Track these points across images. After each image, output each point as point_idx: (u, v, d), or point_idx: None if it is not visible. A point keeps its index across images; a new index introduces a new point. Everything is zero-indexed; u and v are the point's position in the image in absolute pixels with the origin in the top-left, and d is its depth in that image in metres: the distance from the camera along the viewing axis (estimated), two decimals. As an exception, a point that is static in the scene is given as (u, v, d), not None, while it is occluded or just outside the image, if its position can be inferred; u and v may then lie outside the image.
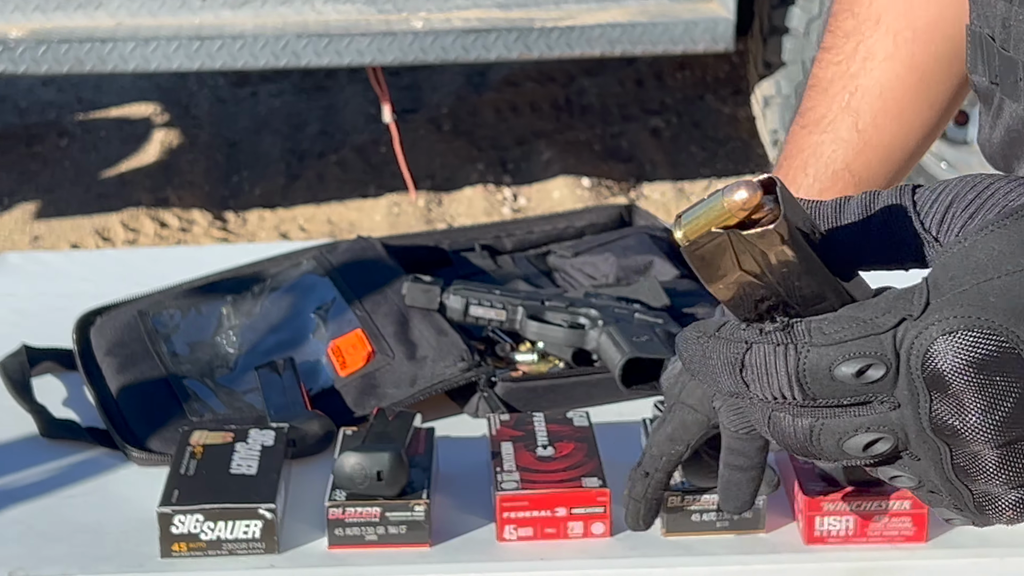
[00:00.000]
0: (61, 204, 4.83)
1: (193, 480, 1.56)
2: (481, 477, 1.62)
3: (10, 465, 1.71)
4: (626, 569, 1.51)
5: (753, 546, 1.51)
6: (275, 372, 1.82)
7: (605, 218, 2.21)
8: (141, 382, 1.84)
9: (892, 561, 1.48)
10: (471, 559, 1.52)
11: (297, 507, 1.59)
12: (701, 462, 1.43)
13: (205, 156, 5.16)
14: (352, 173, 4.99)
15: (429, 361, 1.80)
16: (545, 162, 4.94)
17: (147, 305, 2.01)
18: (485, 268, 2.07)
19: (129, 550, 1.54)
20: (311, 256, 2.05)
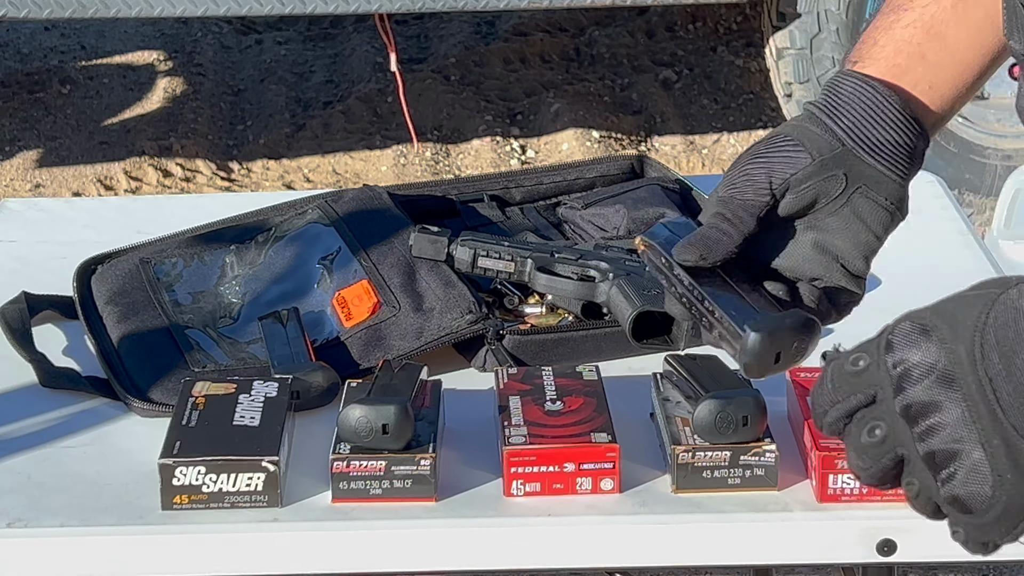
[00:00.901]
0: (63, 152, 4.83)
1: (195, 431, 1.56)
2: (488, 431, 1.62)
3: (9, 415, 1.71)
4: (636, 526, 1.51)
5: (765, 503, 1.51)
6: (279, 323, 1.82)
7: (616, 169, 2.20)
8: (143, 332, 1.83)
9: (906, 520, 1.46)
10: (477, 514, 1.51)
11: (301, 460, 1.58)
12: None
13: (209, 105, 5.16)
14: (358, 123, 4.99)
15: (436, 313, 1.79)
16: (554, 114, 4.94)
17: (149, 253, 2.00)
18: (493, 219, 2.07)
19: (130, 502, 1.54)
20: (316, 205, 2.04)
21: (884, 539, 1.48)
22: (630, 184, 2.15)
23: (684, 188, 2.13)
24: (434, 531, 1.50)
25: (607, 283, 1.78)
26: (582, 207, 2.08)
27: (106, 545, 1.51)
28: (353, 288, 1.85)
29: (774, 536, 1.50)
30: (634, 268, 1.80)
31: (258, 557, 1.51)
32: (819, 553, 1.52)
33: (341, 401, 1.58)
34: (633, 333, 1.73)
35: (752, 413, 1.51)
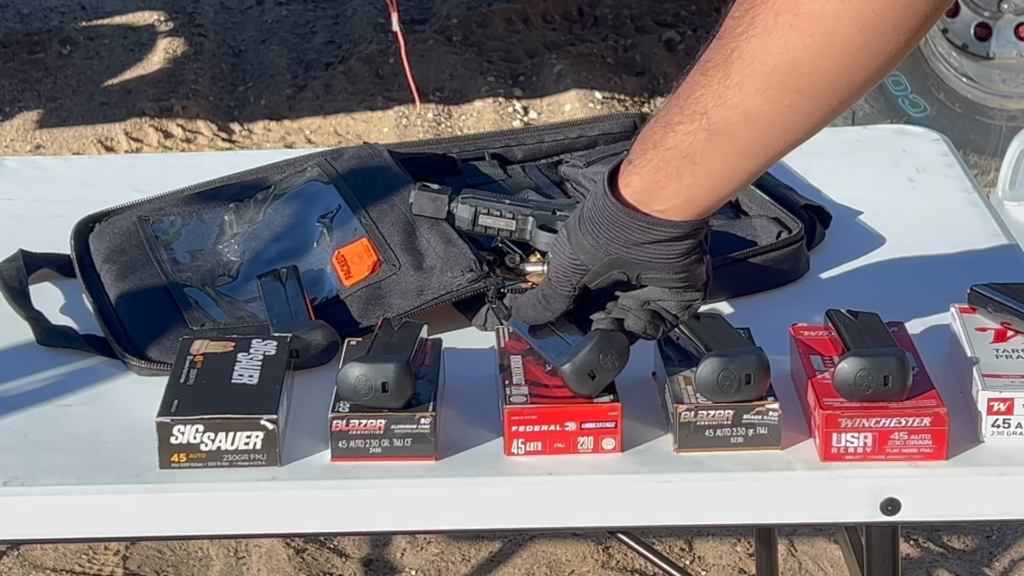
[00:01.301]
0: (63, 113, 4.84)
1: (193, 390, 1.55)
2: (489, 390, 1.62)
3: (6, 373, 1.71)
4: (637, 485, 1.50)
5: (768, 463, 1.50)
6: (278, 281, 1.81)
7: (619, 128, 2.18)
8: (141, 290, 1.83)
9: (910, 479, 1.48)
10: (478, 473, 1.51)
11: (300, 419, 1.58)
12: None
13: (210, 66, 5.17)
14: (360, 84, 4.99)
15: (436, 271, 1.79)
16: (557, 75, 4.94)
17: (148, 211, 2.00)
18: (495, 177, 2.06)
19: (127, 460, 1.54)
20: (316, 163, 2.03)
21: (888, 498, 1.47)
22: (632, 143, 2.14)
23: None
24: (434, 490, 1.50)
25: (610, 241, 1.78)
26: (584, 165, 2.07)
27: (104, 503, 1.51)
28: (353, 246, 1.85)
29: (777, 495, 1.50)
30: (637, 224, 1.80)
31: (256, 516, 1.52)
32: (822, 512, 1.52)
33: (340, 360, 1.58)
34: (636, 289, 1.74)
35: (755, 371, 1.50)
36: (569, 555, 2.91)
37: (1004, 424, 1.51)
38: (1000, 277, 1.76)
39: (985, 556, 2.90)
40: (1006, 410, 1.51)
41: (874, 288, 1.82)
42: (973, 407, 1.54)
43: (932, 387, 1.52)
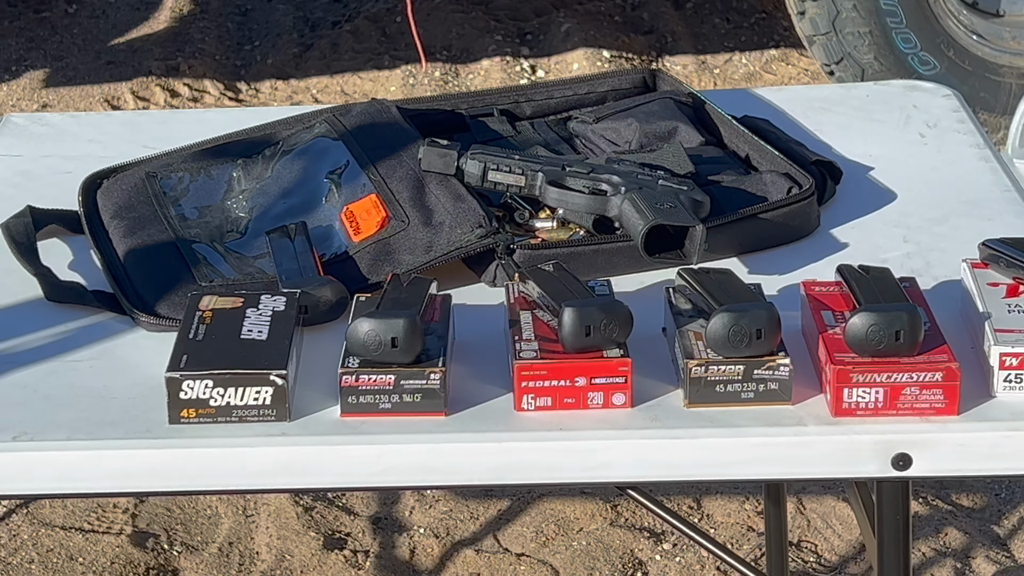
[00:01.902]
0: (70, 72, 4.84)
1: (202, 345, 1.56)
2: (499, 346, 1.62)
3: (15, 329, 1.71)
4: (648, 440, 1.50)
5: (779, 418, 1.51)
6: (287, 237, 1.82)
7: (628, 83, 2.19)
8: (149, 246, 1.83)
9: (922, 435, 1.48)
10: (488, 429, 1.51)
11: (309, 374, 1.59)
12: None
13: (216, 24, 5.16)
14: (366, 43, 4.99)
15: (445, 227, 1.79)
16: (564, 33, 4.93)
17: (156, 167, 2.00)
18: (504, 133, 2.06)
19: (137, 416, 1.54)
20: (324, 119, 2.04)
21: (899, 453, 1.47)
22: (643, 98, 2.15)
23: (697, 102, 2.12)
24: (444, 446, 1.50)
25: (619, 197, 1.79)
26: (593, 121, 2.08)
27: (113, 459, 1.52)
28: (362, 202, 1.85)
29: (787, 451, 1.50)
30: (646, 182, 1.80)
31: (266, 471, 1.52)
32: (833, 468, 1.51)
33: (350, 315, 1.58)
34: (645, 247, 1.74)
35: (766, 326, 1.51)
36: (578, 513, 2.92)
37: (1016, 379, 1.51)
38: (1012, 232, 1.76)
39: (994, 514, 2.91)
40: (1018, 365, 1.51)
41: (885, 244, 1.82)
42: (985, 362, 1.54)
43: (944, 342, 1.52)
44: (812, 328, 1.59)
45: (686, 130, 2.03)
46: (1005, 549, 2.82)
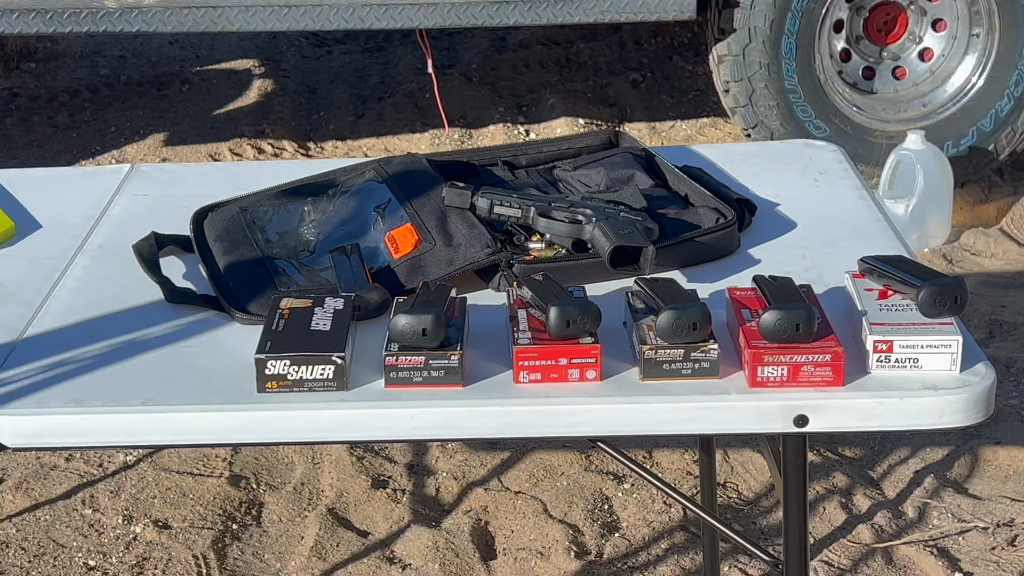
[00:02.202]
0: (183, 135, 4.86)
1: (282, 334, 1.57)
2: (501, 336, 1.63)
3: (142, 323, 1.72)
4: (612, 405, 1.51)
5: (710, 388, 1.51)
6: (345, 255, 1.82)
7: (597, 141, 2.18)
8: (242, 261, 1.84)
9: (816, 401, 1.49)
10: (493, 396, 1.52)
11: (361, 357, 1.59)
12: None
13: (292, 100, 5.18)
14: (404, 113, 5.01)
15: (462, 248, 1.80)
16: (550, 106, 4.95)
17: (247, 203, 2.00)
18: (505, 179, 2.05)
19: (233, 387, 1.55)
20: (372, 168, 2.03)
21: (799, 415, 1.49)
22: (608, 152, 2.14)
23: (649, 155, 2.12)
24: (460, 409, 1.52)
25: (591, 225, 1.79)
26: (572, 169, 2.08)
27: (215, 419, 1.54)
28: (400, 229, 1.85)
29: (716, 413, 1.51)
30: (611, 214, 1.80)
31: (329, 428, 1.54)
32: (749, 425, 1.52)
33: (391, 313, 1.58)
34: (611, 262, 1.74)
35: (700, 320, 1.51)
36: (560, 461, 2.93)
37: (885, 360, 1.52)
38: (882, 251, 1.77)
39: (869, 462, 2.92)
40: (887, 349, 1.52)
41: (788, 260, 1.83)
42: (862, 347, 1.54)
43: (832, 332, 1.53)
44: (734, 322, 1.59)
45: (640, 176, 2.03)
46: (878, 488, 2.84)
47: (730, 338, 1.60)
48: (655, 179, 2.03)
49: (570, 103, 4.94)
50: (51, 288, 1.82)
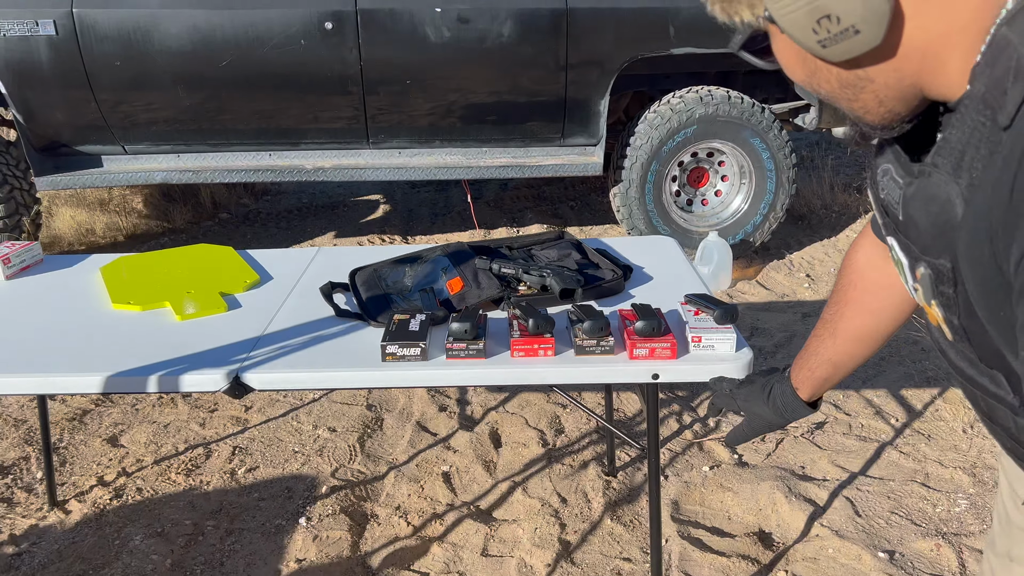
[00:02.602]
0: (344, 232, 4.83)
1: (394, 332, 1.56)
2: (504, 333, 1.62)
3: (323, 327, 1.71)
4: (560, 368, 1.50)
5: (609, 361, 1.50)
6: (427, 293, 1.82)
7: (553, 236, 2.18)
8: (375, 296, 1.83)
9: (663, 365, 1.48)
10: (500, 364, 1.51)
11: (433, 345, 1.58)
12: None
13: (399, 215, 5.15)
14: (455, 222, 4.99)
15: (484, 289, 1.79)
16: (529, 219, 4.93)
17: (377, 266, 2.00)
18: (507, 254, 2.05)
19: (369, 359, 1.54)
20: (439, 249, 2.03)
21: (654, 372, 1.48)
22: (558, 241, 2.14)
23: (579, 243, 2.11)
24: (484, 369, 1.50)
25: (549, 277, 1.79)
26: (540, 249, 2.08)
27: (360, 375, 1.51)
28: (454, 280, 1.84)
29: (612, 372, 1.49)
30: (560, 271, 1.81)
31: (417, 380, 1.51)
32: (629, 379, 1.50)
33: (450, 321, 1.58)
34: (560, 296, 1.74)
35: (604, 325, 1.52)
36: (534, 398, 2.91)
37: (697, 345, 1.52)
38: (695, 291, 1.77)
39: (690, 397, 2.90)
40: (699, 340, 1.52)
41: (649, 296, 1.82)
42: (686, 339, 1.54)
43: (671, 332, 1.52)
44: (621, 326, 1.59)
45: (575, 253, 2.02)
46: (695, 412, 2.81)
47: (620, 334, 1.59)
48: (582, 254, 2.03)
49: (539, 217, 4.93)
50: (277, 308, 1.81)
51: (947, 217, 0.66)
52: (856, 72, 0.68)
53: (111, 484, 2.48)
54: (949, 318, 0.72)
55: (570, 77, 3.70)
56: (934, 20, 0.63)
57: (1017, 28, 0.59)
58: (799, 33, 0.66)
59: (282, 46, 3.52)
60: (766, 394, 1.22)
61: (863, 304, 1.05)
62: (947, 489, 2.34)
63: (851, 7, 0.63)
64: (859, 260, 1.06)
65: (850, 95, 0.70)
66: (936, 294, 0.72)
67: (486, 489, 2.41)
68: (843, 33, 0.64)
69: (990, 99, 0.61)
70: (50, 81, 3.50)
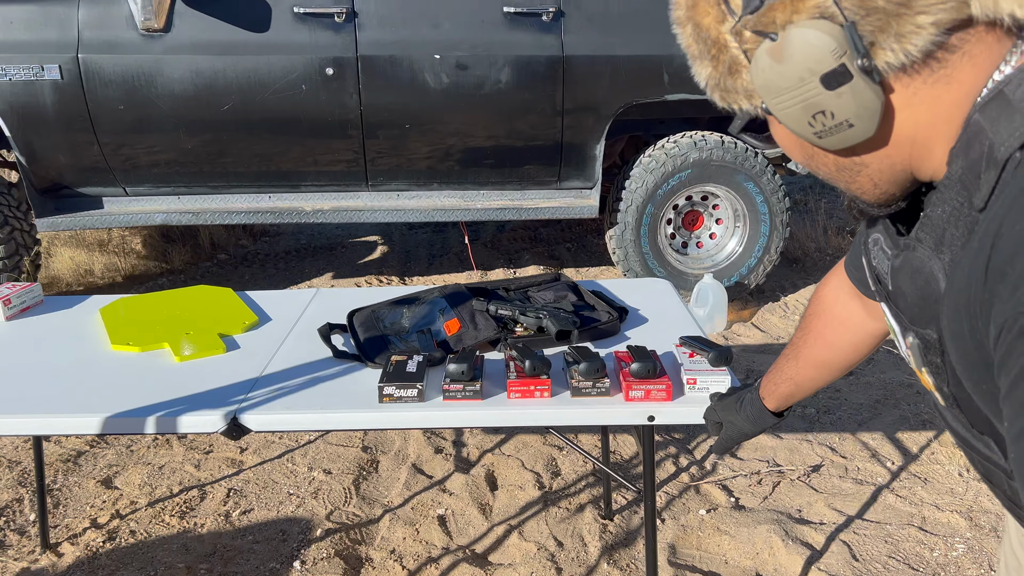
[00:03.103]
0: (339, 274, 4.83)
1: (392, 373, 1.56)
2: (501, 375, 1.62)
3: (320, 368, 1.71)
4: (556, 410, 1.50)
5: (605, 402, 1.51)
6: (424, 334, 1.82)
7: (549, 278, 2.19)
8: (372, 337, 1.84)
9: (658, 408, 1.48)
10: (496, 405, 1.51)
11: (430, 385, 1.58)
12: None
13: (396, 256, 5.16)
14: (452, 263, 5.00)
15: (482, 330, 1.80)
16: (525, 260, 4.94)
17: (375, 307, 2.01)
18: (504, 296, 2.06)
19: (366, 400, 1.54)
20: (437, 290, 2.05)
21: (650, 415, 1.48)
22: (554, 283, 2.16)
23: (575, 284, 2.13)
24: (480, 411, 1.50)
25: (546, 319, 1.80)
26: (537, 291, 2.09)
27: (355, 416, 1.51)
28: (451, 321, 1.85)
29: (608, 414, 1.50)
30: (556, 313, 1.82)
31: (414, 421, 1.51)
32: (625, 420, 1.50)
33: (447, 362, 1.58)
34: (556, 337, 1.75)
35: (600, 367, 1.52)
36: (531, 439, 2.90)
37: (692, 388, 1.52)
38: (690, 333, 1.78)
39: (687, 440, 2.89)
40: (693, 382, 1.52)
41: (644, 338, 1.83)
42: (682, 381, 1.54)
43: (666, 374, 1.53)
44: (617, 368, 1.59)
45: (571, 295, 2.04)
46: (691, 454, 2.80)
47: (616, 376, 1.60)
48: (578, 296, 2.04)
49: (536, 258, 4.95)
50: (276, 349, 1.82)
51: (931, 290, 0.69)
52: (852, 159, 0.71)
53: (104, 526, 2.45)
54: (939, 386, 0.74)
55: (566, 122, 3.76)
56: (922, 112, 0.66)
57: (988, 115, 0.63)
58: (796, 126, 0.69)
59: (284, 91, 3.58)
60: (739, 404, 1.28)
61: (823, 335, 1.10)
62: (944, 533, 2.33)
63: (844, 104, 0.66)
64: (827, 294, 1.09)
65: (847, 178, 0.73)
66: (926, 362, 0.74)
67: (482, 532, 2.38)
68: (838, 127, 0.67)
69: (966, 182, 0.64)
70: (54, 124, 3.54)
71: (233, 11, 3.52)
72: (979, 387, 0.66)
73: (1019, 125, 0.61)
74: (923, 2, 0.62)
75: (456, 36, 3.59)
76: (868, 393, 3.17)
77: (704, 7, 0.69)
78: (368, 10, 3.58)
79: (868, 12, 0.62)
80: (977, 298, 0.62)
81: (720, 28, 0.69)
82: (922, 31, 0.63)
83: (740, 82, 0.70)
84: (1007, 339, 0.58)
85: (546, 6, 3.62)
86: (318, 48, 3.56)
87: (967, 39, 0.64)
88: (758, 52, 0.67)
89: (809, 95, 0.66)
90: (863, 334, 1.06)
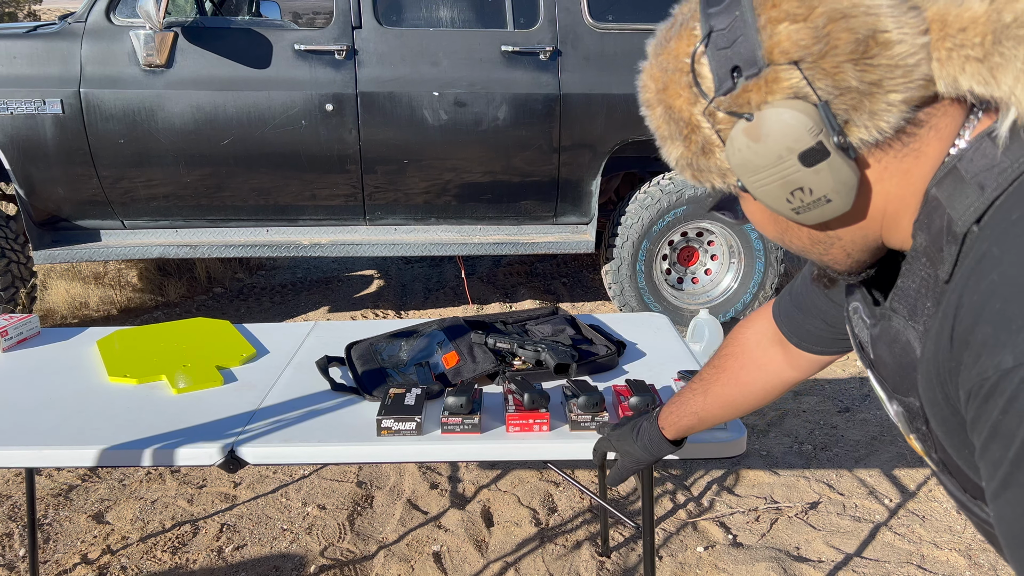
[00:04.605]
0: (338, 307, 4.83)
1: (390, 407, 1.56)
2: (500, 408, 1.62)
3: (317, 401, 1.71)
4: (554, 444, 1.49)
5: (604, 435, 1.51)
6: (422, 367, 1.82)
7: (547, 312, 2.21)
8: (370, 370, 1.84)
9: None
10: (495, 439, 1.51)
11: (428, 419, 1.58)
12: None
13: (393, 290, 5.16)
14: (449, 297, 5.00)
15: (480, 363, 1.80)
16: (522, 294, 4.95)
17: (373, 340, 2.01)
18: (502, 329, 2.06)
19: (364, 433, 1.54)
20: (435, 324, 2.05)
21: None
22: (552, 317, 2.17)
23: (572, 318, 2.14)
24: (478, 445, 1.50)
25: (544, 352, 1.80)
26: (535, 324, 2.10)
27: (352, 449, 1.51)
28: (449, 354, 1.85)
29: (607, 448, 1.50)
30: (554, 346, 1.82)
31: (411, 455, 1.51)
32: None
33: (445, 396, 1.58)
34: (554, 371, 1.75)
35: (599, 401, 1.52)
36: (527, 475, 2.88)
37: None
38: (687, 368, 1.78)
39: (685, 476, 2.87)
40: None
41: (642, 372, 1.83)
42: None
43: (664, 407, 1.53)
44: (615, 402, 1.59)
45: (568, 328, 2.04)
46: (688, 490, 2.78)
47: (615, 410, 1.59)
48: (576, 330, 2.05)
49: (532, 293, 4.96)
50: (273, 382, 1.81)
51: (909, 359, 0.71)
52: (827, 232, 0.73)
53: (95, 562, 2.42)
54: (928, 452, 0.75)
55: (563, 159, 3.80)
56: (893, 185, 0.68)
57: (944, 190, 0.65)
58: (774, 203, 0.71)
59: (284, 126, 3.61)
60: (635, 433, 1.31)
61: (737, 377, 1.12)
62: (943, 572, 2.31)
63: (823, 180, 0.67)
64: (749, 336, 1.11)
65: (820, 250, 0.76)
66: (912, 429, 0.76)
67: (477, 570, 2.36)
68: (816, 202, 0.69)
69: (931, 255, 0.67)
70: (54, 158, 3.56)
71: (235, 48, 3.57)
72: (960, 452, 0.68)
73: (973, 200, 0.63)
74: (893, 81, 0.64)
75: (455, 74, 3.64)
76: (865, 430, 3.16)
77: (675, 89, 0.70)
78: (368, 48, 3.64)
79: (841, 92, 0.64)
80: (946, 366, 0.64)
81: (692, 110, 0.70)
82: (893, 108, 0.65)
83: (714, 161, 0.72)
84: (975, 404, 0.60)
85: (543, 45, 3.68)
86: (318, 84, 3.61)
87: (933, 113, 0.66)
88: (733, 132, 0.68)
89: (788, 172, 0.67)
90: (777, 381, 1.09)
